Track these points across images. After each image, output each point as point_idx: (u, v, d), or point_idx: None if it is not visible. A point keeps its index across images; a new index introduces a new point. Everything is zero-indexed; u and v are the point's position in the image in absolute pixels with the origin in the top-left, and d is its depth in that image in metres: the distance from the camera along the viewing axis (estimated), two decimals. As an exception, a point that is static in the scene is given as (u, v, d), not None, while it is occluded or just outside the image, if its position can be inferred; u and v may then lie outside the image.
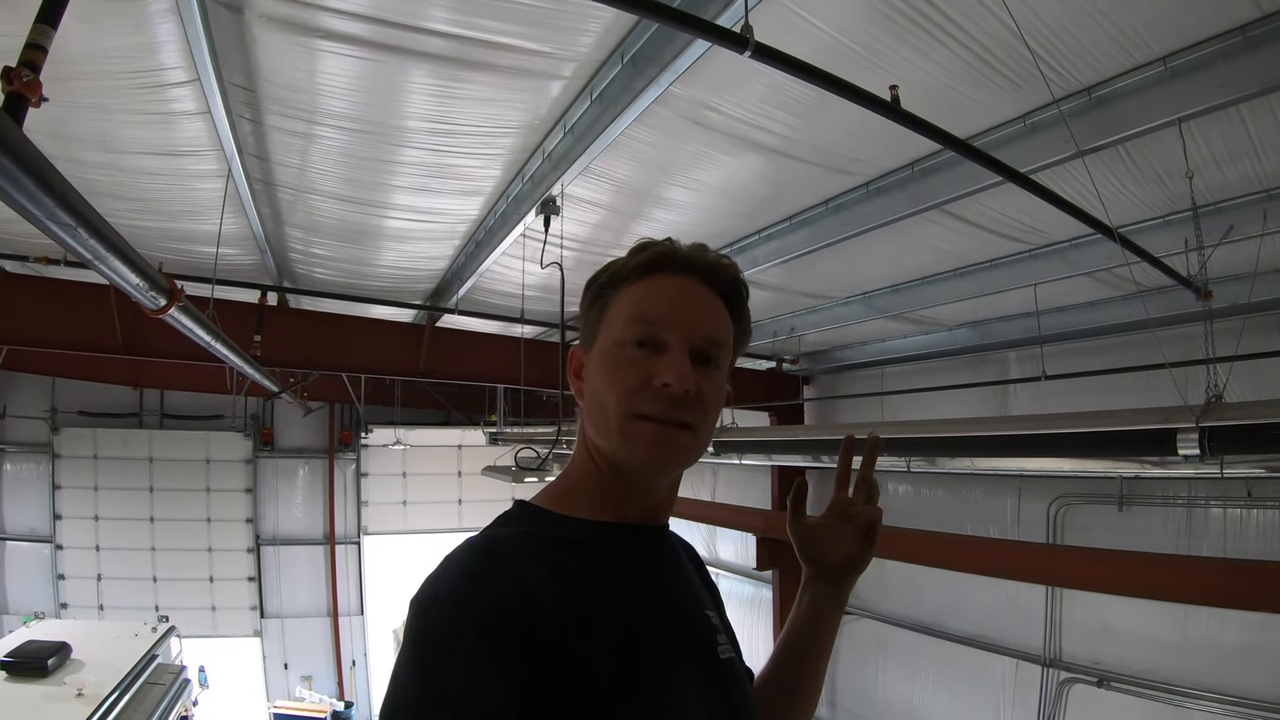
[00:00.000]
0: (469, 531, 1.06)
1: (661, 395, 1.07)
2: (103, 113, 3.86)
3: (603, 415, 1.11)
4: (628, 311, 1.13)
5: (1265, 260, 4.75)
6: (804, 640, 1.38)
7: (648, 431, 1.08)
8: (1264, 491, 6.25)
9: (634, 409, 1.08)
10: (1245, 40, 3.00)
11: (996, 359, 8.57)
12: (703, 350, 1.12)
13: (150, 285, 3.33)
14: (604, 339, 1.15)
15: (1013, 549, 7.30)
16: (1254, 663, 6.24)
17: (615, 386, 1.10)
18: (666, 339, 1.10)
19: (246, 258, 6.61)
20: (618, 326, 1.13)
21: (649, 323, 1.11)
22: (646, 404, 1.08)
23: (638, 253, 1.18)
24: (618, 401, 1.09)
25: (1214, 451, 3.24)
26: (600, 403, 1.12)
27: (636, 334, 1.11)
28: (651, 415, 1.08)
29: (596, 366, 1.15)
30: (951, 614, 9.20)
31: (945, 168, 4.27)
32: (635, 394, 1.08)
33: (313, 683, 15.49)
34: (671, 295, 1.14)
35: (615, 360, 1.11)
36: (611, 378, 1.11)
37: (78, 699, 6.88)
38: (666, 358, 1.09)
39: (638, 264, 1.16)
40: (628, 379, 1.09)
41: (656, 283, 1.15)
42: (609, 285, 1.18)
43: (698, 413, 1.10)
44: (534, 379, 7.74)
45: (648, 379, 1.08)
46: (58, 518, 14.24)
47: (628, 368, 1.10)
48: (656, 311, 1.12)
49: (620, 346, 1.12)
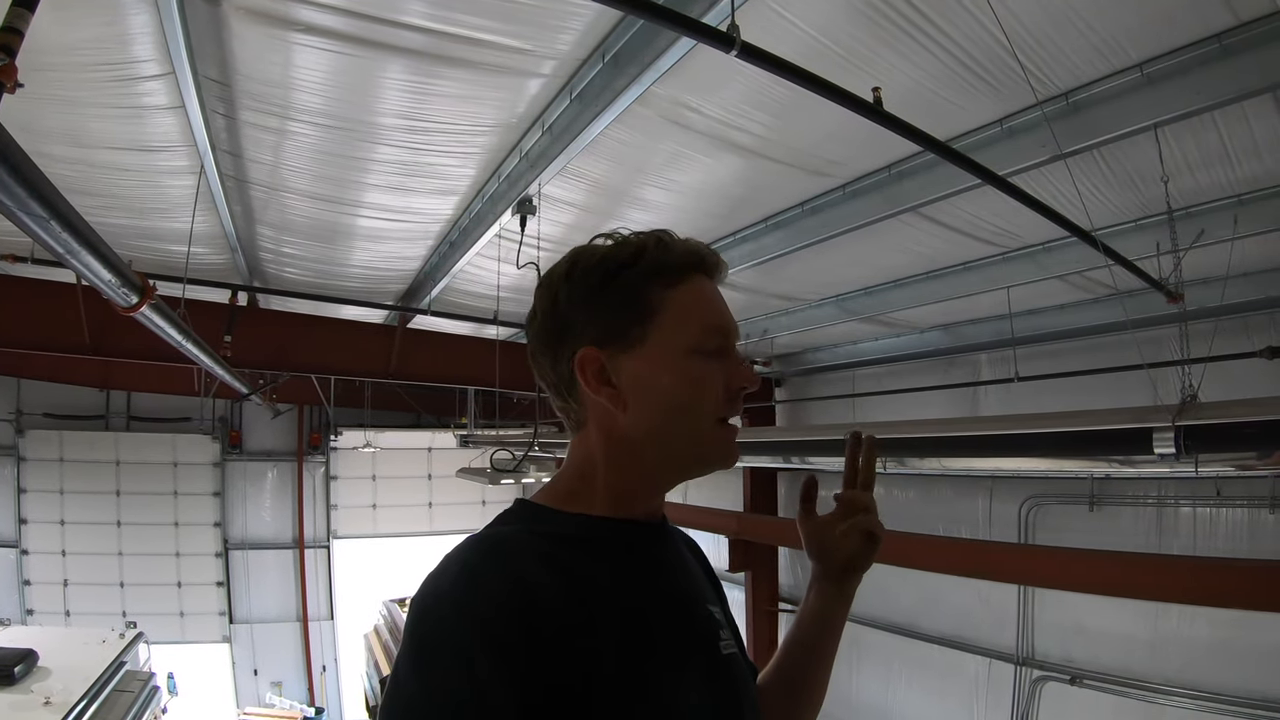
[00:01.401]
0: (440, 535, 1.04)
1: (738, 398, 1.14)
2: (73, 106, 3.79)
3: (686, 422, 1.12)
4: (701, 320, 1.12)
5: (1236, 264, 4.83)
6: (810, 638, 1.38)
7: (729, 434, 1.16)
8: (1233, 491, 6.36)
9: (720, 414, 1.13)
10: (1221, 48, 3.07)
11: (967, 361, 8.67)
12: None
13: (123, 282, 3.28)
14: (667, 344, 1.10)
15: (985, 549, 7.37)
16: (1224, 659, 6.35)
17: (707, 395, 1.11)
18: (726, 345, 1.15)
19: (217, 256, 6.53)
20: (690, 334, 1.10)
21: (724, 333, 1.14)
22: (730, 407, 1.14)
23: (665, 248, 1.14)
24: (713, 409, 1.12)
25: (1189, 450, 3.27)
26: (682, 410, 1.11)
27: (715, 344, 1.13)
28: (727, 417, 1.14)
29: (670, 373, 1.09)
30: (924, 614, 9.29)
31: (922, 170, 4.30)
32: (719, 401, 1.12)
33: (283, 688, 15.33)
34: (720, 302, 1.17)
35: (699, 369, 1.11)
36: (699, 388, 1.11)
37: (45, 707, 6.74)
38: (732, 362, 1.14)
39: (681, 263, 1.14)
40: (715, 388, 1.12)
41: (704, 287, 1.16)
42: (643, 283, 1.11)
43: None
44: (508, 381, 7.70)
45: (725, 384, 1.13)
46: (23, 522, 13.92)
47: (714, 376, 1.12)
48: (722, 320, 1.15)
49: (698, 355, 1.11)
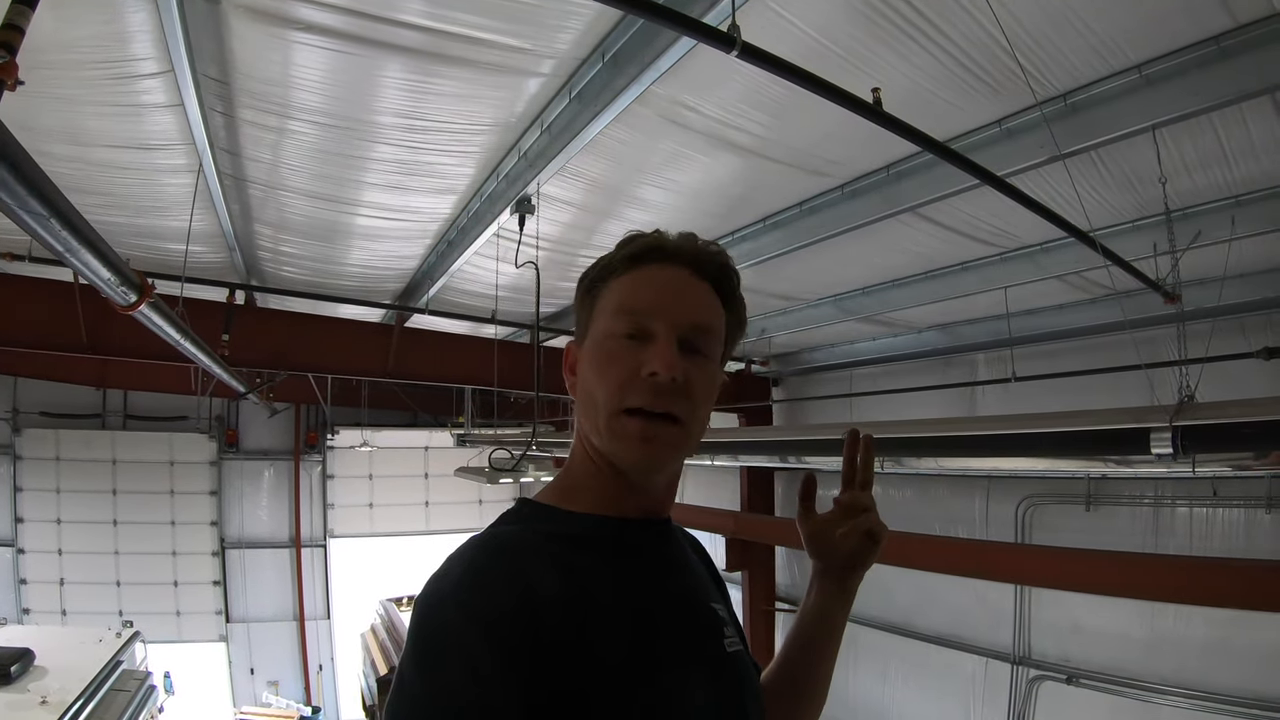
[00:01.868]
0: (436, 534, 1.03)
1: (648, 385, 1.05)
2: (71, 104, 3.78)
3: (593, 410, 1.09)
4: (615, 303, 1.11)
5: (1233, 265, 4.84)
6: (811, 635, 1.38)
7: (634, 428, 1.05)
8: (1229, 491, 6.38)
9: (622, 403, 1.06)
10: (1219, 50, 3.08)
11: (965, 361, 8.67)
12: (690, 339, 1.09)
13: (121, 280, 3.27)
14: (594, 332, 1.13)
15: (982, 549, 7.37)
16: (1220, 659, 6.36)
17: (604, 380, 1.08)
18: (654, 329, 1.08)
19: (215, 255, 6.51)
20: (606, 319, 1.11)
21: (635, 313, 1.09)
22: (634, 396, 1.05)
23: (626, 244, 1.16)
24: (607, 396, 1.07)
25: (1186, 450, 3.27)
26: (590, 398, 1.10)
27: (625, 326, 1.08)
28: (640, 407, 1.05)
29: (586, 360, 1.13)
30: (921, 613, 9.29)
31: (920, 170, 4.31)
32: (623, 386, 1.06)
33: (279, 688, 15.30)
34: (659, 285, 1.11)
35: (604, 352, 1.09)
36: (600, 371, 1.09)
37: (41, 706, 6.73)
38: (653, 347, 1.06)
39: (625, 255, 1.15)
40: (617, 371, 1.07)
41: (644, 273, 1.13)
42: (599, 279, 1.16)
43: (685, 405, 1.07)
44: (506, 380, 7.70)
45: (635, 370, 1.06)
46: (19, 521, 13.87)
47: (616, 360, 1.07)
48: (643, 301, 1.09)
49: (609, 338, 1.09)
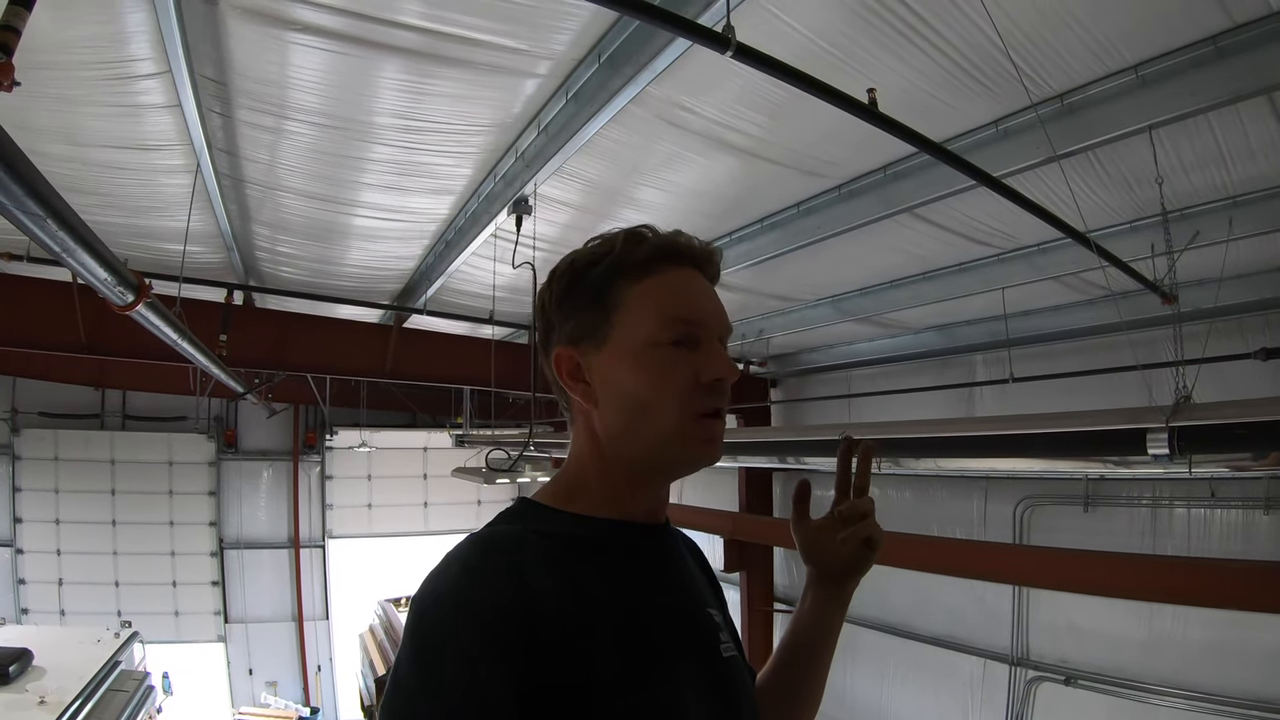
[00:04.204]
0: (435, 535, 1.03)
1: (716, 390, 1.10)
2: (69, 104, 3.78)
3: (647, 418, 1.09)
4: (657, 311, 1.10)
5: (1230, 266, 4.84)
6: (806, 641, 1.38)
7: (706, 430, 1.10)
8: (1227, 492, 6.38)
9: (691, 408, 1.08)
10: (1216, 50, 3.08)
11: (962, 362, 8.67)
12: (724, 341, 1.15)
13: (118, 280, 3.26)
14: (626, 339, 1.10)
15: (979, 550, 7.38)
16: (1218, 660, 6.36)
17: (669, 390, 1.08)
18: (699, 335, 1.11)
19: (213, 255, 6.52)
20: (648, 326, 1.09)
21: (687, 322, 1.10)
22: (699, 401, 1.09)
23: (637, 242, 1.14)
24: (675, 404, 1.08)
25: (1183, 451, 3.27)
26: (640, 406, 1.09)
27: (675, 334, 1.09)
28: (704, 411, 1.09)
29: (626, 370, 1.10)
30: (919, 614, 9.29)
31: (917, 171, 4.31)
32: (689, 394, 1.08)
33: (278, 688, 15.29)
34: (693, 290, 1.14)
35: (659, 363, 1.09)
36: (659, 381, 1.08)
37: (40, 706, 6.72)
38: (706, 353, 1.10)
39: (645, 257, 1.13)
40: (678, 381, 1.08)
41: (672, 279, 1.13)
42: (609, 278, 1.13)
43: (728, 400, 1.13)
44: (504, 380, 7.70)
45: (694, 376, 1.08)
46: (18, 521, 13.85)
47: (674, 369, 1.08)
48: (692, 310, 1.11)
49: (658, 347, 1.09)
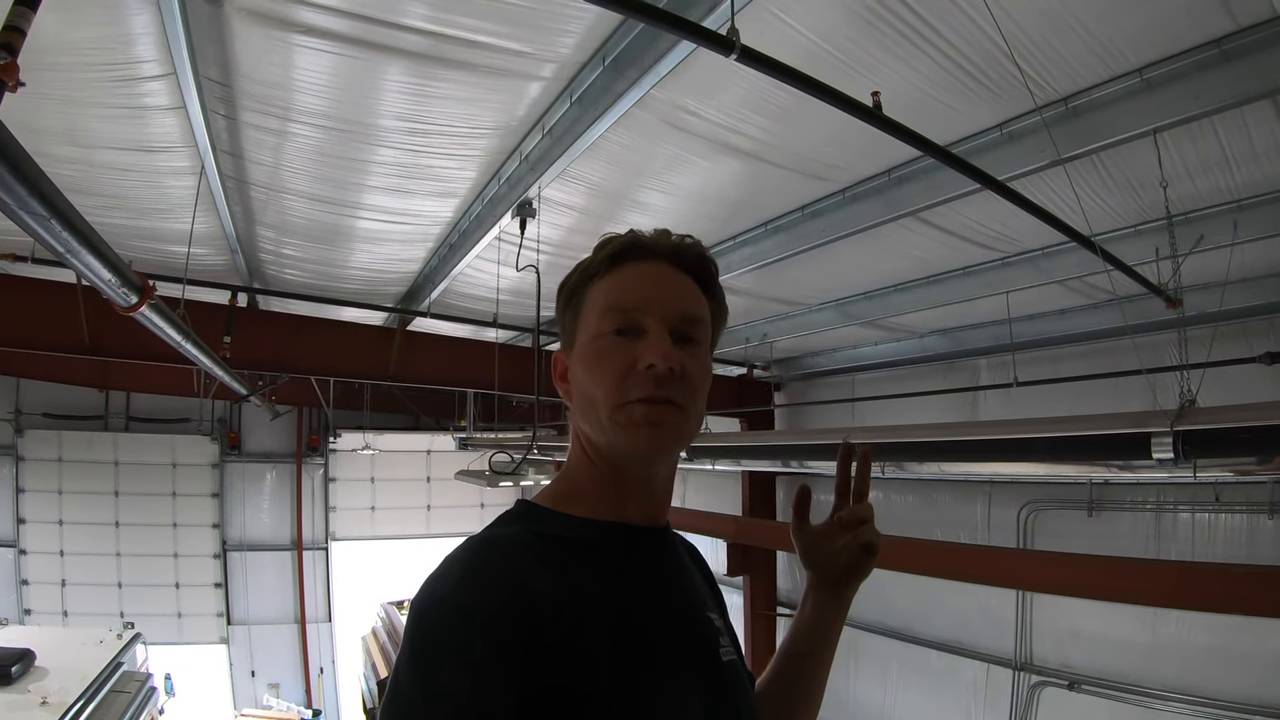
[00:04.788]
0: (438, 538, 1.03)
1: (648, 377, 1.05)
2: (74, 106, 3.78)
3: (592, 409, 1.10)
4: (602, 303, 1.12)
5: (1235, 269, 4.83)
6: (806, 646, 1.37)
7: (639, 413, 1.06)
8: (1231, 496, 6.37)
9: (623, 396, 1.06)
10: (1220, 53, 3.07)
11: (967, 366, 8.66)
12: (681, 329, 1.11)
13: (122, 281, 3.27)
14: (582, 336, 1.14)
15: (983, 554, 7.35)
16: (1222, 665, 6.35)
17: (601, 377, 1.08)
18: (644, 323, 1.09)
19: (217, 257, 6.52)
20: (594, 320, 1.12)
21: (624, 310, 1.10)
22: (635, 389, 1.06)
23: (603, 247, 1.17)
24: (606, 392, 1.07)
25: (1187, 455, 3.26)
26: (588, 397, 1.10)
27: (614, 323, 1.10)
28: (641, 398, 1.06)
29: (579, 364, 1.13)
30: (922, 619, 9.28)
31: (921, 175, 4.31)
32: (622, 381, 1.07)
33: (280, 690, 15.29)
34: (642, 280, 1.13)
35: (596, 352, 1.10)
36: (596, 370, 1.09)
37: (42, 707, 6.72)
38: (646, 340, 1.08)
39: (604, 257, 1.16)
40: (612, 368, 1.08)
41: (626, 271, 1.14)
42: (580, 284, 1.17)
43: (685, 391, 1.08)
44: (507, 384, 7.71)
45: (631, 364, 1.07)
46: (21, 522, 13.89)
47: (610, 357, 1.08)
48: (629, 298, 1.11)
49: (600, 338, 1.10)
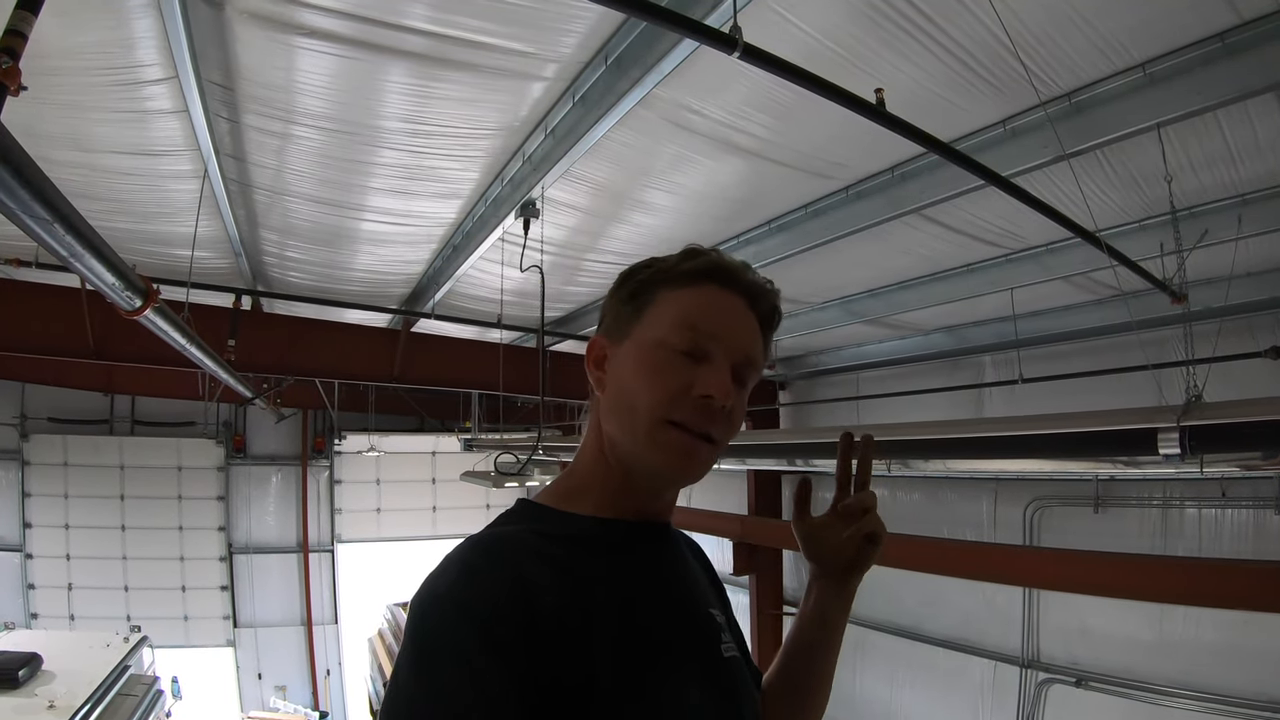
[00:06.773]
0: (444, 539, 1.03)
1: (700, 405, 1.06)
2: (76, 110, 3.79)
3: (630, 414, 1.09)
4: (676, 315, 1.11)
5: (1240, 264, 4.82)
6: (810, 639, 1.36)
7: (677, 440, 1.06)
8: (1238, 492, 6.36)
9: (669, 414, 1.06)
10: (1224, 47, 3.06)
11: (971, 364, 8.66)
12: (740, 370, 1.12)
13: (126, 285, 3.27)
14: (641, 336, 1.13)
15: (990, 551, 7.32)
16: (1229, 661, 6.34)
17: (653, 388, 1.08)
18: (712, 351, 1.09)
19: (221, 261, 6.52)
20: (662, 327, 1.11)
21: (699, 332, 1.09)
22: (682, 411, 1.06)
23: (690, 257, 1.16)
24: (653, 404, 1.07)
25: (1194, 451, 3.24)
26: (628, 400, 1.10)
27: (684, 341, 1.09)
28: (684, 423, 1.06)
29: (630, 362, 1.12)
30: (929, 617, 9.28)
31: (925, 172, 4.30)
32: (673, 399, 1.07)
33: (287, 693, 15.29)
34: (722, 309, 1.12)
35: (656, 361, 1.09)
36: (650, 378, 1.09)
37: (49, 710, 6.75)
38: (709, 368, 1.08)
39: (690, 269, 1.14)
40: (668, 383, 1.07)
41: (707, 293, 1.13)
42: (651, 282, 1.16)
43: (724, 429, 1.10)
44: (512, 384, 7.71)
45: (687, 387, 1.06)
46: (27, 526, 13.93)
47: (668, 370, 1.08)
48: (706, 322, 1.10)
49: (664, 348, 1.09)
